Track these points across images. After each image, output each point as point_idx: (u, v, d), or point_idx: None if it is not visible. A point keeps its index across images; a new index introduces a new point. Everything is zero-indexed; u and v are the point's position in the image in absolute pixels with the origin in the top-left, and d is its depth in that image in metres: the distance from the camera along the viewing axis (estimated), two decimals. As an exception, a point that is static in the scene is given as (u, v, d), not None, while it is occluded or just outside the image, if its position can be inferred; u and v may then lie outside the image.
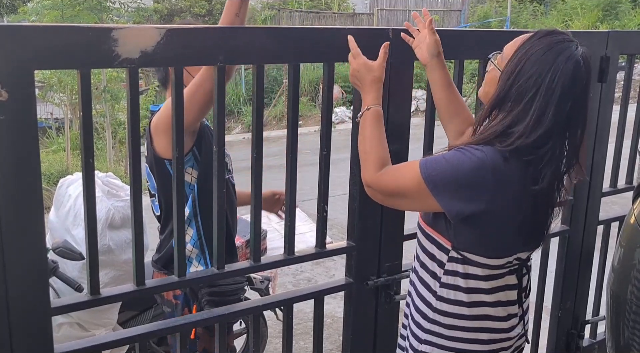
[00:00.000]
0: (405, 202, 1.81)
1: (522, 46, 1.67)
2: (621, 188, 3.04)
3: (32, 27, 1.59)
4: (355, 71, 1.89)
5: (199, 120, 2.31)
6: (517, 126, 1.62)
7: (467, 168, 1.63)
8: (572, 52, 1.63)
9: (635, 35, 3.05)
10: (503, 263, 1.77)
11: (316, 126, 12.68)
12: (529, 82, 1.61)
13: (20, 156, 1.55)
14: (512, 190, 1.66)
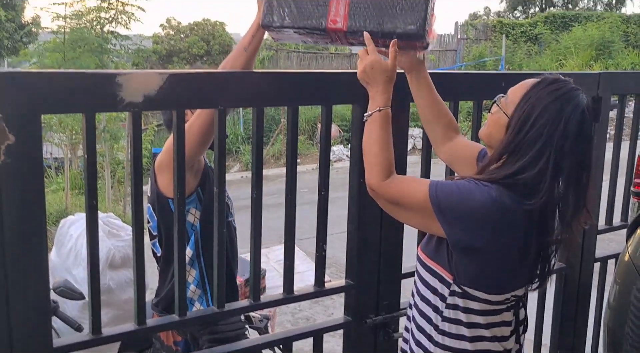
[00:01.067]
0: (406, 214, 1.81)
1: (528, 93, 1.71)
2: (616, 226, 3.07)
3: (39, 74, 1.65)
4: (368, 68, 1.80)
5: (197, 156, 2.35)
6: (526, 173, 1.66)
7: (476, 201, 1.66)
8: (579, 101, 1.68)
9: (625, 76, 3.12)
10: (502, 299, 1.79)
11: (314, 164, 12.75)
12: (538, 132, 1.65)
13: (26, 198, 1.59)
14: (515, 231, 1.68)
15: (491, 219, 1.66)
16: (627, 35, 21.89)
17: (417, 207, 1.73)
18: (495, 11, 32.29)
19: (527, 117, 1.67)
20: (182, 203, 1.88)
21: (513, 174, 1.67)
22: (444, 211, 1.68)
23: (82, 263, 2.73)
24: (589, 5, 32.24)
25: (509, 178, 1.68)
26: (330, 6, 1.81)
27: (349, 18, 1.80)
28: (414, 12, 1.77)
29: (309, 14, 1.83)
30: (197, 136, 2.17)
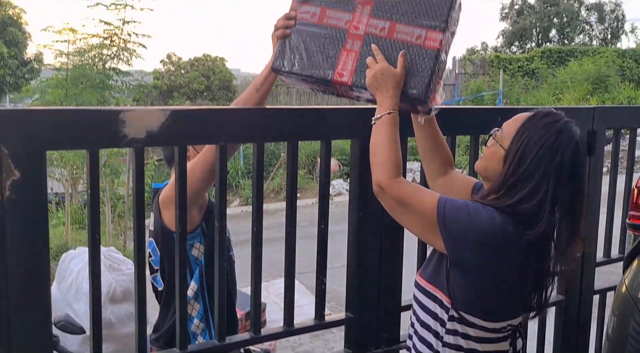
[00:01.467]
0: (410, 218, 1.81)
1: (523, 126, 1.76)
2: (614, 258, 3.09)
3: (44, 111, 1.69)
4: (379, 73, 1.82)
5: (202, 193, 2.38)
6: (526, 204, 1.69)
7: (482, 221, 1.69)
8: (572, 132, 1.74)
9: (619, 110, 3.18)
10: (498, 328, 1.80)
11: (314, 198, 12.78)
12: (536, 164, 1.70)
13: (31, 233, 1.61)
14: (514, 258, 1.72)
15: (493, 242, 1.70)
16: (623, 69, 22.15)
17: (423, 213, 1.75)
18: (492, 46, 32.69)
19: (524, 150, 1.72)
20: (184, 236, 1.90)
21: (513, 204, 1.71)
22: (448, 224, 1.71)
23: (83, 297, 2.74)
24: (584, 41, 32.66)
25: (509, 208, 1.71)
26: (340, 59, 1.89)
27: (355, 73, 1.87)
28: (417, 77, 1.83)
29: (318, 65, 1.90)
30: (202, 173, 2.21)
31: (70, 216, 8.08)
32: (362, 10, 1.88)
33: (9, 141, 1.56)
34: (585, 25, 32.92)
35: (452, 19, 1.85)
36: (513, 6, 33.00)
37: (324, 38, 1.91)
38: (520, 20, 32.02)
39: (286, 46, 1.94)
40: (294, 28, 1.94)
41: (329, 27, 1.90)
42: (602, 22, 32.80)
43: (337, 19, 1.90)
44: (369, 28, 1.87)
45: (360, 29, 1.88)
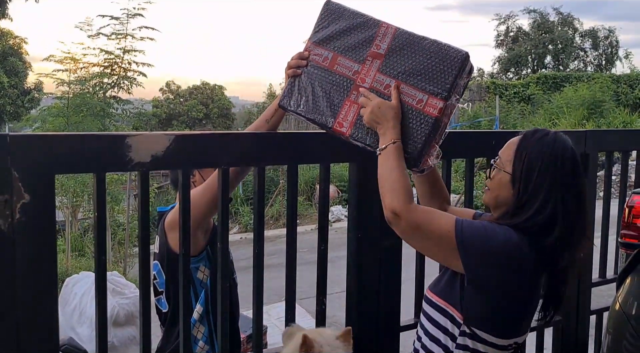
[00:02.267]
0: (426, 243, 1.84)
1: (519, 148, 1.85)
2: (610, 279, 3.13)
3: (53, 136, 1.75)
4: (376, 108, 1.87)
5: (208, 218, 2.44)
6: (542, 215, 1.77)
7: (499, 241, 1.76)
8: (564, 140, 1.86)
9: (611, 134, 3.24)
10: (506, 345, 1.85)
11: (313, 225, 12.79)
12: (542, 177, 1.79)
13: (39, 255, 1.66)
14: (528, 275, 1.79)
15: (510, 260, 1.76)
16: (618, 94, 22.36)
17: (440, 237, 1.78)
18: (488, 72, 32.99)
19: (528, 167, 1.81)
20: (187, 257, 1.95)
21: (529, 218, 1.78)
22: (467, 246, 1.76)
23: (87, 321, 2.78)
24: (579, 66, 32.98)
25: (526, 223, 1.78)
26: (342, 109, 1.94)
27: (354, 126, 1.93)
28: (412, 141, 1.86)
29: (321, 111, 1.96)
30: (208, 199, 2.27)
31: (70, 243, 8.11)
32: (371, 63, 1.91)
33: (20, 165, 1.61)
34: (579, 51, 33.28)
35: (458, 86, 1.88)
36: (508, 33, 33.39)
37: (331, 84, 1.95)
38: (516, 47, 32.37)
39: (295, 85, 1.99)
40: (305, 68, 1.98)
41: (337, 75, 1.94)
42: (597, 49, 33.16)
43: (346, 68, 1.93)
44: (374, 83, 1.90)
45: (366, 83, 1.91)
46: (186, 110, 25.45)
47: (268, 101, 26.05)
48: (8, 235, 1.61)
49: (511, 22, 33.41)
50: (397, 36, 1.90)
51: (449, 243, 1.76)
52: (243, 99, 47.07)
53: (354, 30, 1.94)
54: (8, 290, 1.63)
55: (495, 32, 33.74)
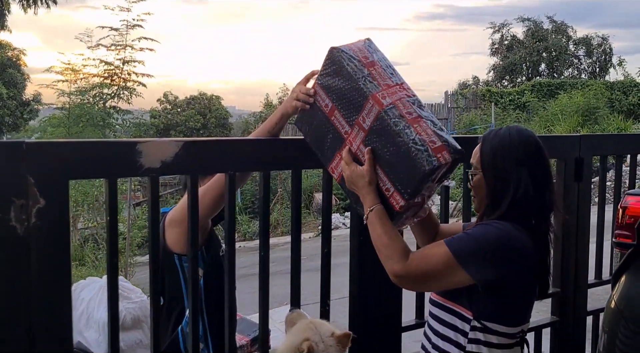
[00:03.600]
0: (436, 283, 1.93)
1: (482, 148, 1.99)
2: (605, 280, 3.20)
3: (67, 143, 1.81)
4: (349, 178, 1.97)
5: (209, 216, 2.49)
6: (518, 195, 1.90)
7: (492, 237, 1.86)
8: (519, 128, 2.01)
9: (604, 138, 3.32)
10: (517, 332, 1.94)
11: (311, 233, 12.86)
12: (507, 163, 1.92)
13: (54, 257, 1.72)
14: (530, 257, 1.88)
15: (507, 247, 1.85)
16: (612, 101, 22.50)
17: (445, 267, 1.86)
18: (483, 80, 33.14)
19: (493, 159, 1.95)
20: (195, 260, 2.01)
21: (510, 203, 1.90)
22: (468, 258, 1.84)
23: (94, 325, 2.83)
24: (573, 74, 33.13)
25: (510, 209, 1.90)
26: (334, 159, 2.01)
27: (342, 180, 1.99)
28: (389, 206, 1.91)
29: (321, 150, 2.03)
30: (211, 199, 2.32)
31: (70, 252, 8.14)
32: (358, 132, 1.91)
33: (35, 171, 1.67)
34: (573, 59, 33.45)
35: (426, 188, 1.88)
36: (503, 41, 33.57)
37: (330, 132, 1.99)
38: (510, 55, 32.54)
39: (307, 113, 2.03)
40: (313, 103, 2.02)
41: (332, 126, 1.98)
42: (590, 56, 33.35)
43: (340, 125, 1.96)
44: (358, 151, 1.94)
45: (353, 146, 1.94)
46: (184, 120, 25.50)
47: (265, 111, 26.12)
48: (24, 239, 1.67)
49: (505, 31, 33.63)
50: (379, 118, 1.86)
51: (452, 266, 1.84)
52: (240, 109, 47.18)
53: (348, 93, 1.93)
54: (23, 292, 1.68)
55: (490, 40, 33.94)
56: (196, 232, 2.00)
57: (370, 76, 1.90)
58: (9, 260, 1.65)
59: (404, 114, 1.85)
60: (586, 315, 3.09)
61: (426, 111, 1.92)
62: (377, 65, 1.93)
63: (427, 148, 1.80)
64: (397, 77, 1.95)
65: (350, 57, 1.92)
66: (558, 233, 2.87)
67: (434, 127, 1.86)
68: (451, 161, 1.83)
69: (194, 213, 1.99)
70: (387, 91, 1.89)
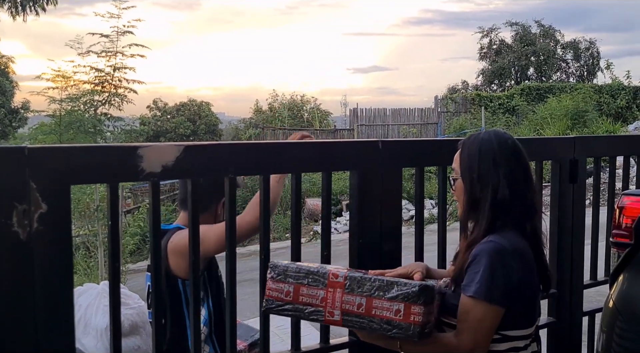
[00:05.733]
0: (493, 332, 1.89)
1: (461, 153, 2.03)
2: (601, 280, 3.23)
3: (69, 148, 1.81)
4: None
5: (210, 254, 2.56)
6: (498, 195, 1.93)
7: (494, 259, 1.86)
8: (495, 132, 2.07)
9: (599, 140, 3.36)
10: (532, 330, 1.98)
11: (302, 238, 12.84)
12: (484, 166, 1.96)
13: (56, 262, 1.72)
14: (525, 258, 1.92)
15: (510, 262, 1.88)
16: (600, 104, 22.65)
17: (491, 317, 1.87)
18: (472, 84, 33.27)
19: (469, 164, 2.00)
20: (197, 264, 2.01)
21: (492, 201, 1.93)
22: (496, 295, 1.85)
23: (92, 332, 2.82)
24: (561, 78, 33.33)
25: (492, 220, 1.93)
26: None
27: None
28: None
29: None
30: (216, 243, 2.41)
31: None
32: (334, 292, 1.84)
33: (37, 176, 1.67)
34: (561, 63, 33.67)
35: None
36: (491, 46, 33.73)
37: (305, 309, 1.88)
38: (499, 59, 32.69)
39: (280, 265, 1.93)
40: None
41: (305, 304, 1.87)
42: (578, 60, 33.56)
43: (312, 297, 1.85)
44: (344, 305, 1.83)
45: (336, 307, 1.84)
46: (173, 127, 25.43)
47: (255, 117, 26.12)
48: (26, 244, 1.67)
49: (494, 35, 33.77)
50: (348, 278, 1.83)
51: (498, 311, 1.86)
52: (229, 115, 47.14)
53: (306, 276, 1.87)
54: (26, 297, 1.68)
55: (479, 45, 34.09)
56: (197, 236, 2.00)
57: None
58: (13, 265, 1.66)
59: (355, 311, 1.81)
60: (582, 315, 3.11)
61: (364, 278, 1.83)
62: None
63: (397, 323, 1.76)
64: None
65: None
66: (553, 233, 2.90)
67: (384, 293, 1.79)
68: (423, 302, 1.76)
69: (194, 219, 1.99)
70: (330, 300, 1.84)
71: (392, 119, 22.96)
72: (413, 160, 2.51)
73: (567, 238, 3.00)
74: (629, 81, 24.37)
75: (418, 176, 2.53)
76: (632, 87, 24.05)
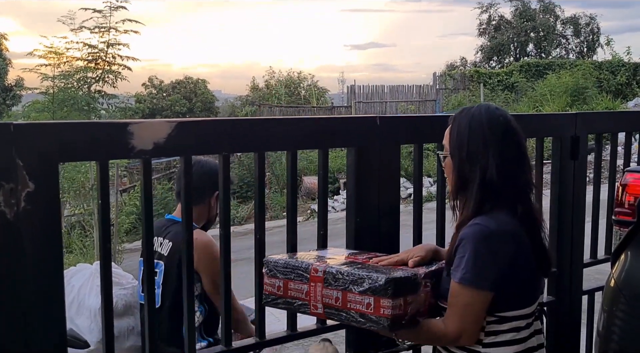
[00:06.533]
0: (483, 316, 1.87)
1: (452, 128, 1.97)
2: (601, 259, 3.19)
3: (57, 124, 1.76)
4: None
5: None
6: (487, 175, 1.87)
7: (479, 243, 1.83)
8: (487, 106, 1.97)
9: (600, 116, 3.30)
10: (534, 309, 1.94)
11: (299, 217, 12.83)
12: (473, 144, 1.90)
13: (45, 242, 1.67)
14: (516, 240, 1.87)
15: (497, 245, 1.84)
16: (600, 81, 22.55)
17: (480, 301, 1.84)
18: (471, 61, 33.09)
19: (460, 141, 1.93)
20: (190, 226, 1.97)
21: (481, 181, 1.87)
22: (483, 279, 1.82)
23: (85, 312, 2.78)
24: (561, 54, 33.16)
25: (480, 199, 1.87)
26: None
27: None
28: None
29: None
30: None
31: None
32: (315, 286, 1.88)
33: (24, 154, 1.62)
34: (561, 39, 33.48)
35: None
36: (490, 22, 33.51)
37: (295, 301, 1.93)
38: (498, 35, 32.49)
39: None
40: None
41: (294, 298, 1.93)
42: (578, 36, 33.37)
43: (298, 291, 1.91)
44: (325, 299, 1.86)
45: (318, 300, 1.88)
46: (169, 105, 25.36)
47: (251, 94, 26.00)
48: (14, 224, 1.61)
49: (493, 11, 33.53)
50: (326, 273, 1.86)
51: (486, 295, 1.83)
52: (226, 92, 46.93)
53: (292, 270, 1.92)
54: (15, 277, 1.63)
55: (477, 21, 33.85)
56: (190, 217, 1.96)
57: None
58: (0, 246, 1.60)
59: (334, 304, 1.84)
60: (582, 294, 3.08)
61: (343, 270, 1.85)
62: None
63: (369, 317, 1.77)
64: None
65: None
66: (554, 210, 2.86)
67: (357, 286, 1.79)
68: (392, 294, 1.74)
69: (187, 194, 1.94)
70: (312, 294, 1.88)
71: (390, 96, 22.84)
72: (412, 137, 2.44)
73: (568, 216, 2.96)
74: (629, 57, 24.26)
75: (417, 153, 2.46)
76: (632, 63, 23.93)
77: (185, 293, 1.98)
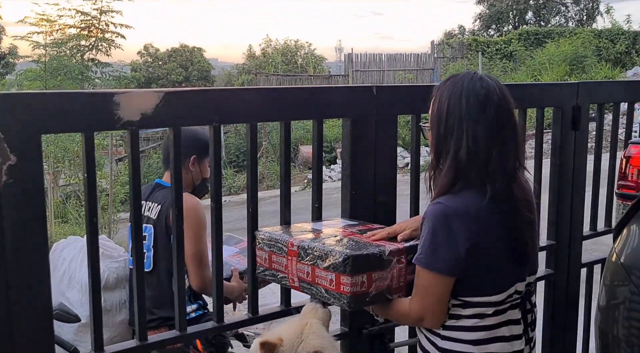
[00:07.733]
0: (446, 300, 1.82)
1: (435, 97, 1.86)
2: (601, 231, 3.14)
3: (39, 94, 1.68)
4: None
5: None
6: (460, 152, 1.77)
7: (437, 227, 1.75)
8: (471, 76, 1.84)
9: (602, 85, 3.22)
10: (504, 298, 1.84)
11: (296, 186, 12.78)
12: (450, 117, 1.79)
13: (28, 216, 1.61)
14: (481, 222, 1.76)
15: (456, 225, 1.75)
16: (600, 49, 22.33)
17: (442, 284, 1.78)
18: (469, 29, 32.74)
19: (437, 117, 1.83)
20: (180, 214, 1.91)
21: (454, 157, 1.77)
22: (440, 262, 1.76)
23: (76, 286, 2.74)
24: (560, 22, 32.83)
25: (453, 177, 1.78)
26: None
27: None
28: None
29: None
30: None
31: (52, 210, 8.02)
32: (291, 260, 1.90)
33: (5, 126, 1.55)
34: (560, 6, 33.10)
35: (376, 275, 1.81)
36: (489, -11, 33.10)
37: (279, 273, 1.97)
38: (497, 3, 32.11)
39: None
40: None
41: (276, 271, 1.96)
42: (578, 4, 32.99)
43: (280, 265, 1.94)
44: (299, 273, 1.89)
45: (294, 274, 1.90)
46: (165, 73, 25.13)
47: (248, 63, 25.74)
48: (-5, 197, 1.55)
49: (492, -22, 33.10)
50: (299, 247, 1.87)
51: (448, 280, 1.78)
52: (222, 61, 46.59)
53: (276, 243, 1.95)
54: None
55: (476, -12, 33.38)
56: (180, 189, 1.90)
57: None
58: (-20, 221, 1.54)
59: (306, 279, 1.86)
60: (581, 267, 3.04)
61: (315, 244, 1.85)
62: None
63: (332, 293, 1.78)
64: None
65: None
66: (554, 181, 2.80)
67: (322, 262, 1.79)
68: (350, 272, 1.73)
69: (177, 168, 1.88)
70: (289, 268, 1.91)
71: (388, 64, 22.65)
72: (409, 107, 2.36)
73: (567, 187, 2.90)
74: (629, 26, 23.95)
75: (414, 124, 2.39)
76: (632, 32, 23.65)
77: (175, 260, 1.93)
